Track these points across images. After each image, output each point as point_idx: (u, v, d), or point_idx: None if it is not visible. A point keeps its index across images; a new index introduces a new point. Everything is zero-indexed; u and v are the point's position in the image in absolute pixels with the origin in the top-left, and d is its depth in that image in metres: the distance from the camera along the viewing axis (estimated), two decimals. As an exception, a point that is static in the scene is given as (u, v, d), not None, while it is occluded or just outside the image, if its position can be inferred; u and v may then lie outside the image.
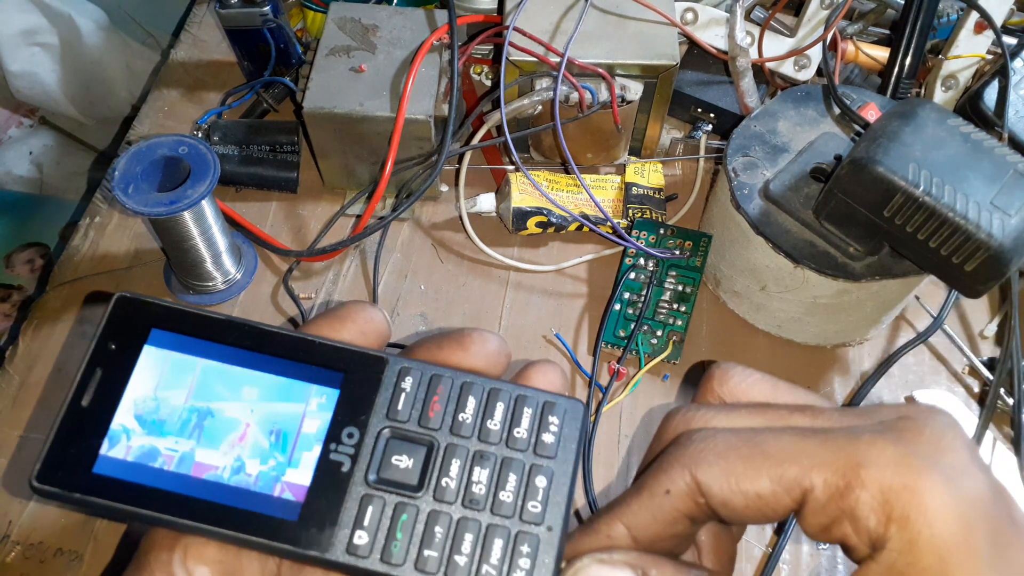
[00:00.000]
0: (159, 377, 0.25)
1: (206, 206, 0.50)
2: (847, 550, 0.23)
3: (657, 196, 0.59)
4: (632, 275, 0.55)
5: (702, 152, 0.63)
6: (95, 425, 0.24)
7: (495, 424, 0.25)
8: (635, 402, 0.52)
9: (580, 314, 0.56)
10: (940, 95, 0.60)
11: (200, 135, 0.61)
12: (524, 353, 0.54)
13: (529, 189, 0.58)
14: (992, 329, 0.56)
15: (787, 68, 0.62)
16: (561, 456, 0.25)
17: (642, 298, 0.54)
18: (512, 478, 0.25)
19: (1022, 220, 0.41)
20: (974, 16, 0.57)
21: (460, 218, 0.59)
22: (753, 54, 0.61)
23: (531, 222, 0.57)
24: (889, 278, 0.48)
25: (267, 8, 0.61)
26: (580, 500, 0.48)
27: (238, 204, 0.61)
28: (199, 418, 0.25)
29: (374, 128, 0.56)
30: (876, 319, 0.54)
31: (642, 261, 0.55)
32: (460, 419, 0.25)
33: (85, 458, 0.24)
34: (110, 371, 0.24)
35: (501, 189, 0.60)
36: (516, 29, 0.55)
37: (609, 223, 0.56)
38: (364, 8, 0.61)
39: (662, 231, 0.56)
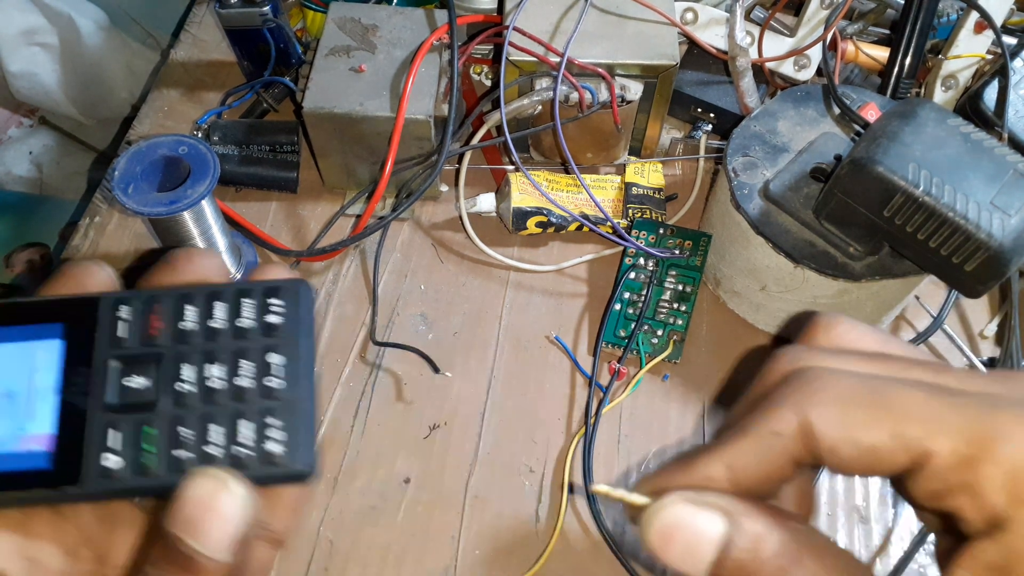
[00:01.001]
0: None
1: (206, 206, 0.50)
2: (952, 521, 0.21)
3: (657, 196, 0.59)
4: (632, 275, 0.55)
5: (702, 152, 0.63)
6: None
7: (219, 323, 0.25)
8: (635, 402, 0.52)
9: (580, 314, 0.56)
10: (940, 95, 0.60)
11: (200, 135, 0.61)
12: (524, 353, 0.54)
13: (529, 189, 0.58)
14: (992, 329, 0.56)
15: (787, 68, 0.62)
16: (291, 331, 0.25)
17: (642, 298, 0.54)
18: (246, 364, 0.25)
19: (1022, 220, 0.41)
20: (974, 16, 0.57)
21: (460, 218, 0.59)
22: (753, 54, 0.60)
23: (531, 222, 0.57)
24: (889, 278, 0.48)
25: (267, 8, 0.61)
26: (581, 503, 0.48)
27: (238, 204, 0.61)
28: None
29: (374, 128, 0.56)
30: (876, 319, 0.54)
31: (642, 261, 0.55)
32: (182, 328, 0.25)
33: None
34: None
35: (501, 189, 0.60)
36: (516, 29, 0.55)
37: (609, 223, 0.56)
38: (364, 8, 0.61)
39: (662, 231, 0.56)
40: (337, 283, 0.57)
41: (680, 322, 0.53)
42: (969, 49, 0.58)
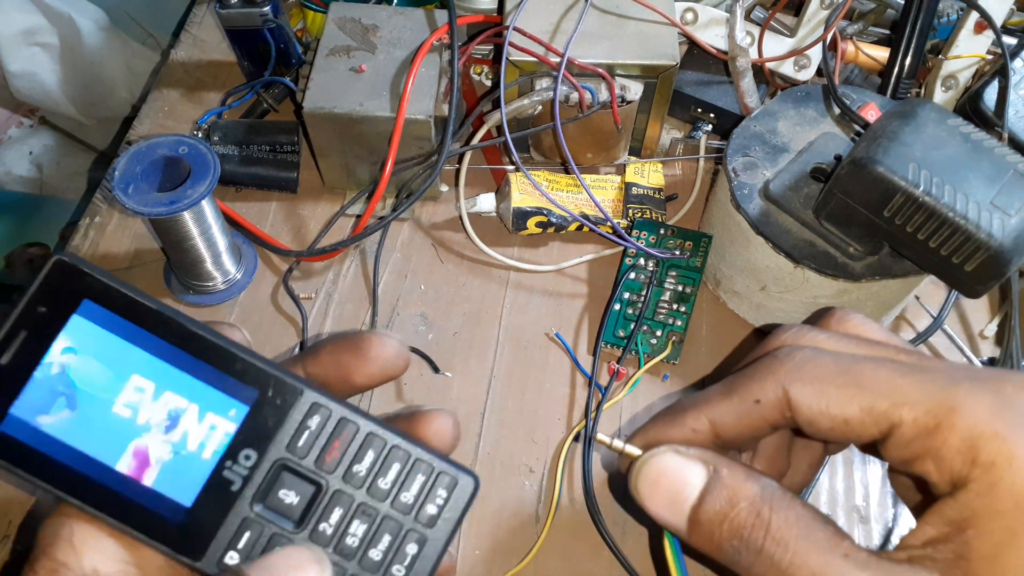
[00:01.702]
0: (80, 350, 0.24)
1: (206, 206, 0.50)
2: (924, 485, 0.23)
3: (657, 196, 0.59)
4: (632, 275, 0.55)
5: (702, 152, 0.63)
6: (9, 385, 0.24)
7: (386, 483, 0.26)
8: (635, 402, 0.52)
9: (580, 314, 0.56)
10: (940, 95, 0.60)
11: (200, 135, 0.61)
12: (524, 353, 0.54)
13: (529, 189, 0.58)
14: (992, 329, 0.56)
15: (787, 68, 0.62)
16: (439, 527, 0.26)
17: (642, 298, 0.54)
18: (386, 538, 0.25)
19: (1022, 220, 0.41)
20: (974, 16, 0.57)
21: (460, 218, 0.59)
22: (753, 54, 0.61)
23: (531, 222, 0.57)
24: (889, 278, 0.48)
25: (267, 8, 0.61)
26: (581, 498, 0.48)
27: (238, 204, 0.61)
28: (108, 401, 0.24)
29: (374, 128, 0.56)
30: (876, 319, 0.54)
31: (642, 261, 0.55)
32: (354, 469, 0.26)
33: None
34: (34, 334, 0.24)
35: (501, 189, 0.60)
36: (516, 29, 0.55)
37: (609, 223, 0.56)
38: (364, 8, 0.62)
39: (662, 231, 0.56)
40: (337, 283, 0.57)
41: (680, 323, 0.53)
42: (969, 49, 0.58)
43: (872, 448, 0.25)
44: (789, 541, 0.23)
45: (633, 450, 0.27)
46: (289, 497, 0.25)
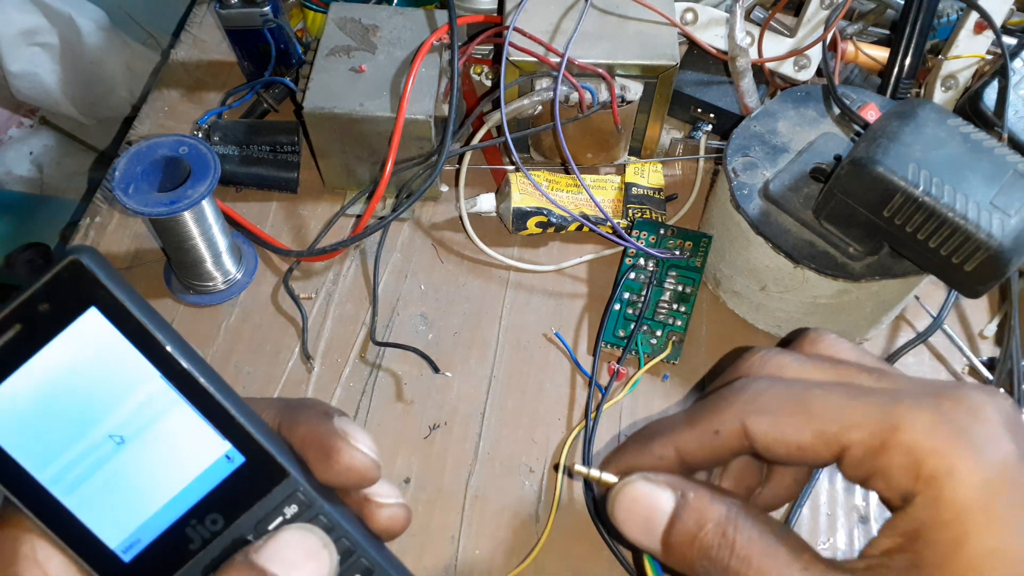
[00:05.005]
0: (72, 357, 0.23)
1: (206, 206, 0.50)
2: (884, 500, 0.25)
3: (657, 196, 0.59)
4: (632, 275, 0.55)
5: (702, 152, 0.63)
6: None
7: None
8: (635, 402, 0.52)
9: (580, 314, 0.56)
10: (940, 95, 0.60)
11: (200, 135, 0.61)
12: (524, 353, 0.54)
13: (529, 189, 0.58)
14: (992, 329, 0.56)
15: (787, 68, 0.62)
16: None
17: (642, 298, 0.54)
18: None
19: (1022, 220, 0.41)
20: (974, 16, 0.57)
21: (460, 218, 0.59)
22: (753, 54, 0.61)
23: (531, 222, 0.57)
24: (889, 278, 0.48)
25: (267, 8, 0.61)
26: (581, 498, 0.48)
27: (238, 204, 0.61)
28: (90, 417, 0.23)
29: (374, 128, 0.56)
30: (876, 319, 0.54)
31: (642, 261, 0.55)
32: None
33: None
34: (28, 330, 0.22)
35: (501, 189, 0.60)
36: (516, 29, 0.55)
37: (609, 223, 0.56)
38: (364, 8, 0.62)
39: (662, 231, 0.56)
40: (337, 283, 0.57)
41: (680, 323, 0.53)
42: (969, 49, 0.58)
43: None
44: (752, 558, 0.24)
45: (609, 478, 0.28)
46: None
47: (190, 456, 0.24)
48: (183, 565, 0.24)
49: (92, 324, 0.22)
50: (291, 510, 0.25)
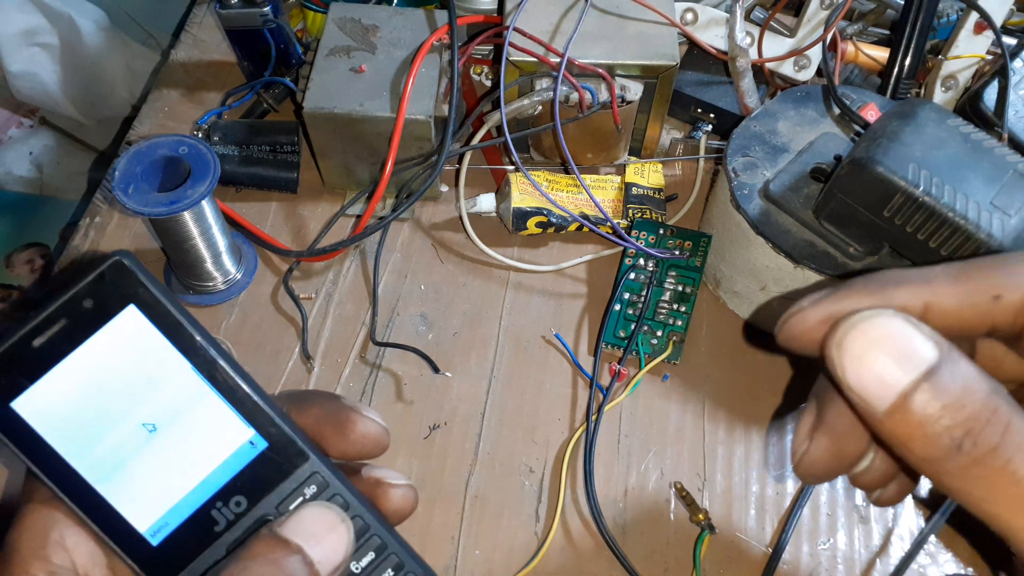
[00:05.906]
0: (111, 351, 0.24)
1: (206, 206, 0.50)
2: None
3: (657, 196, 0.59)
4: (632, 275, 0.55)
5: (702, 152, 0.63)
6: (34, 367, 0.24)
7: (357, 567, 0.26)
8: (635, 402, 0.52)
9: (580, 314, 0.56)
10: (940, 95, 0.60)
11: (200, 135, 0.61)
12: (524, 354, 0.54)
13: (529, 189, 0.58)
14: (992, 329, 0.56)
15: (787, 68, 0.62)
16: None
17: (642, 298, 0.54)
18: None
19: (1022, 220, 0.41)
20: (974, 16, 0.57)
21: (460, 218, 0.59)
22: (753, 54, 0.61)
23: (531, 222, 0.57)
24: (889, 278, 0.48)
25: (267, 8, 0.61)
26: (581, 498, 0.48)
27: (238, 204, 0.61)
28: (126, 407, 0.25)
29: (374, 128, 0.56)
30: (876, 319, 0.54)
31: (642, 261, 0.55)
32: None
33: (10, 390, 0.24)
34: (72, 326, 0.24)
35: (501, 189, 0.60)
36: (516, 29, 0.55)
37: (609, 223, 0.56)
38: (364, 8, 0.62)
39: (662, 231, 0.56)
40: (337, 283, 0.57)
41: (680, 323, 0.53)
42: (969, 49, 0.58)
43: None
44: None
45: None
46: None
47: (217, 443, 0.25)
48: (209, 546, 0.25)
49: (131, 320, 0.24)
50: (310, 490, 0.26)
